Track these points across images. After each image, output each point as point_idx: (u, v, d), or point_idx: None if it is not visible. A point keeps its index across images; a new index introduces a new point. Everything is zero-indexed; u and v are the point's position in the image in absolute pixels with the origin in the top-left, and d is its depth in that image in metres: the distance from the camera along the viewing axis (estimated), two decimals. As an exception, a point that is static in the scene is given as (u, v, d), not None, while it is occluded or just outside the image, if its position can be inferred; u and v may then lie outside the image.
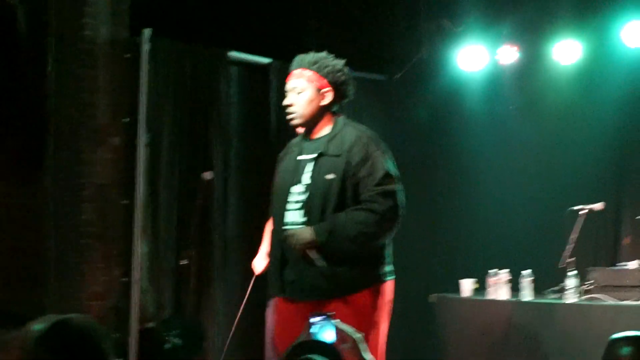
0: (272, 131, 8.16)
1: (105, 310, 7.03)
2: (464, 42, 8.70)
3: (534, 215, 8.57)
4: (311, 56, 5.04)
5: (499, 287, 7.75)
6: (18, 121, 7.22)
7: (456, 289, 8.12)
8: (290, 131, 8.07)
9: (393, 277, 5.00)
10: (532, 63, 8.60)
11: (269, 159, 8.09)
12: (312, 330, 4.02)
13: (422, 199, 9.25)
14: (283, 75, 8.19)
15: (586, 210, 7.63)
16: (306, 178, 4.90)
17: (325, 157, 4.89)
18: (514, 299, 7.72)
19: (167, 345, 3.80)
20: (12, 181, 7.65)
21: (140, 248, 7.19)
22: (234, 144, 8.06)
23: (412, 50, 8.90)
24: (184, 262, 7.28)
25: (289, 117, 5.02)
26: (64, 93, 7.29)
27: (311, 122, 5.00)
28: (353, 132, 4.89)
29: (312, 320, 4.07)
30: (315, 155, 4.93)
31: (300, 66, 5.04)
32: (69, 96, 7.27)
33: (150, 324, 7.25)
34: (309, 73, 4.99)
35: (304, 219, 4.84)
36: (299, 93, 4.98)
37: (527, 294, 7.66)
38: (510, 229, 8.52)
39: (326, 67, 4.98)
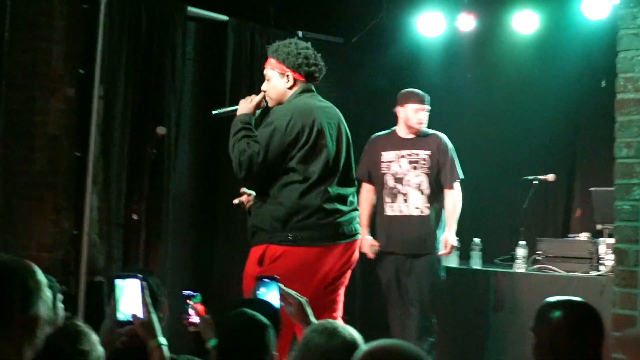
0: (226, 88, 8.10)
1: (55, 263, 6.96)
2: (422, 7, 8.68)
3: (486, 183, 8.62)
4: (275, 45, 5.61)
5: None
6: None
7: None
8: (244, 88, 8.09)
9: (293, 244, 5.37)
10: (490, 32, 8.61)
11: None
12: (258, 290, 4.06)
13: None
14: (241, 33, 8.23)
15: (538, 181, 7.68)
16: None
17: None
18: (463, 267, 7.77)
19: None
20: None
21: (91, 200, 7.12)
22: (188, 99, 8.00)
23: (371, 13, 8.85)
24: (134, 216, 7.25)
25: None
26: (20, 40, 7.17)
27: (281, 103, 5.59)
28: (278, 107, 5.55)
29: (258, 280, 4.11)
30: None
31: (268, 55, 5.62)
32: (25, 43, 7.15)
33: (99, 278, 7.20)
34: (272, 61, 5.59)
35: None
36: (267, 80, 5.61)
37: (476, 262, 7.72)
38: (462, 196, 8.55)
39: (283, 52, 5.53)
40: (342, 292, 5.65)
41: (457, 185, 7.23)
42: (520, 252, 7.35)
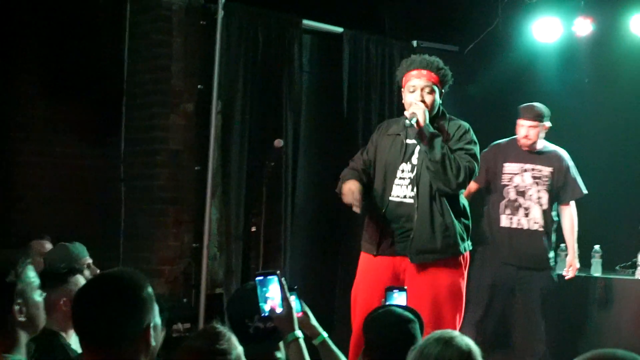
0: (343, 100, 8.15)
1: (176, 275, 7.11)
2: (537, 13, 8.57)
3: (606, 188, 8.42)
4: (437, 62, 5.70)
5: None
6: (94, 85, 7.30)
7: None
8: (361, 100, 8.11)
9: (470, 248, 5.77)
10: (607, 35, 8.45)
11: (340, 127, 8.14)
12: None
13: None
14: (356, 44, 8.26)
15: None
16: (414, 159, 5.63)
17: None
18: (583, 274, 7.62)
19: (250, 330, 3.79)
20: (87, 143, 7.76)
21: (210, 214, 7.23)
22: (305, 112, 8.05)
23: (485, 20, 8.78)
24: (253, 229, 7.33)
25: (416, 111, 5.51)
26: (139, 58, 7.37)
27: (430, 117, 5.59)
28: (456, 124, 5.72)
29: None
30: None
31: (428, 68, 5.66)
32: (144, 61, 7.34)
33: (219, 290, 7.31)
34: (435, 76, 5.64)
35: (412, 193, 5.58)
36: (429, 94, 5.63)
37: (597, 269, 7.59)
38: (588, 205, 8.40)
39: (446, 73, 5.69)
40: None
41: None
42: None
